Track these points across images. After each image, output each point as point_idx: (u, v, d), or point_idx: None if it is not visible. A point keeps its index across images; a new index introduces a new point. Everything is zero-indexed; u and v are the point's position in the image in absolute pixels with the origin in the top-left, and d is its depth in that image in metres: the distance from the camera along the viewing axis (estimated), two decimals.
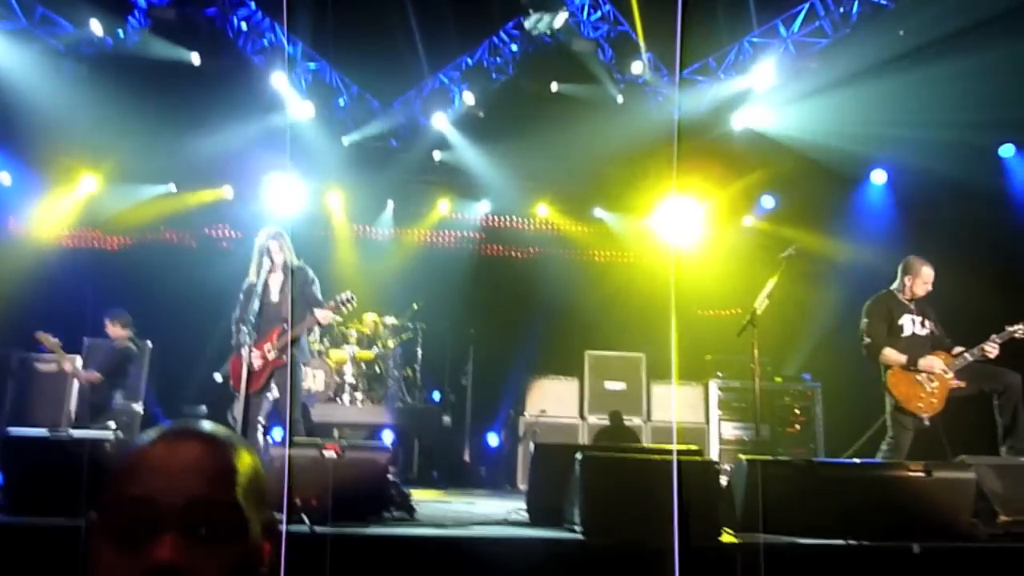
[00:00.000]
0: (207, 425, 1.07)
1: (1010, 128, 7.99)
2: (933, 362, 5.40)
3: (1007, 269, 7.06)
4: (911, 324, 5.62)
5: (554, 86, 8.62)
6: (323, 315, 5.59)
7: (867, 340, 5.56)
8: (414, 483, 7.17)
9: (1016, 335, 5.37)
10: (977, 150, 7.93)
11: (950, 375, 5.39)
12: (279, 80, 8.48)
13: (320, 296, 5.69)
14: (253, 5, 8.31)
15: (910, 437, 5.38)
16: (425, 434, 8.28)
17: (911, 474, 3.99)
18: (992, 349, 5.34)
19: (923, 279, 5.67)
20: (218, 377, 6.29)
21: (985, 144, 8.17)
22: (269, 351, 5.43)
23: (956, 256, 6.74)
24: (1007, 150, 8.22)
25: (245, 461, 1.03)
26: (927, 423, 5.36)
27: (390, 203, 10.19)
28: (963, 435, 5.41)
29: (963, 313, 5.84)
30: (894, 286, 5.77)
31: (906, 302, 5.69)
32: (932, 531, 3.69)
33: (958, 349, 5.50)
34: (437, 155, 9.55)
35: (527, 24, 7.86)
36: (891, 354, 5.45)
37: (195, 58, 8.13)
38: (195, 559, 0.94)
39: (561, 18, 7.87)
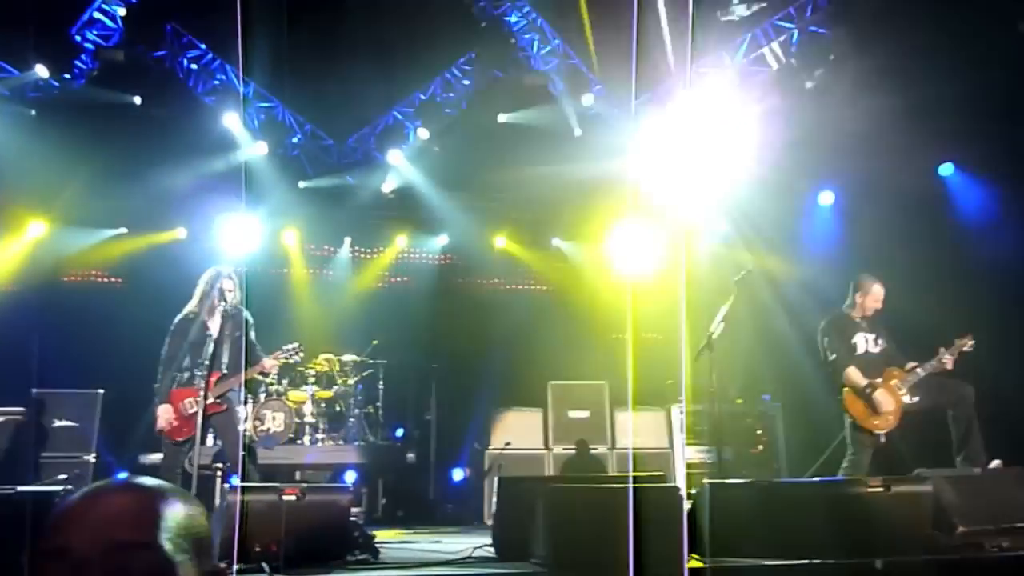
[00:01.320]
0: (139, 478, 1.07)
1: (949, 148, 8.28)
2: (885, 399, 5.48)
3: (952, 283, 7.26)
4: (864, 343, 5.74)
5: (501, 117, 8.69)
6: (270, 363, 5.51)
7: (832, 357, 5.66)
8: (379, 523, 7.06)
9: (965, 348, 5.51)
10: (918, 170, 8.19)
11: (903, 392, 5.50)
12: (231, 120, 8.44)
13: (255, 341, 5.59)
14: (203, 46, 8.29)
15: (870, 454, 5.46)
16: (389, 472, 8.17)
17: (870, 490, 4.04)
18: (947, 362, 5.48)
19: (874, 296, 5.82)
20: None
21: (926, 164, 8.45)
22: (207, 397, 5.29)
23: (903, 272, 6.92)
24: (946, 169, 8.50)
25: (175, 508, 1.03)
26: (883, 440, 5.45)
27: (347, 239, 10.14)
28: (920, 449, 5.52)
29: (913, 328, 5.98)
30: (845, 305, 5.90)
31: (858, 320, 5.81)
32: (893, 545, 3.73)
33: (910, 365, 5.62)
34: (390, 189, 9.53)
35: None
36: (854, 375, 5.55)
37: (136, 99, 8.05)
38: None
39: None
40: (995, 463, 5.17)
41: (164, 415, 5.35)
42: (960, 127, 7.63)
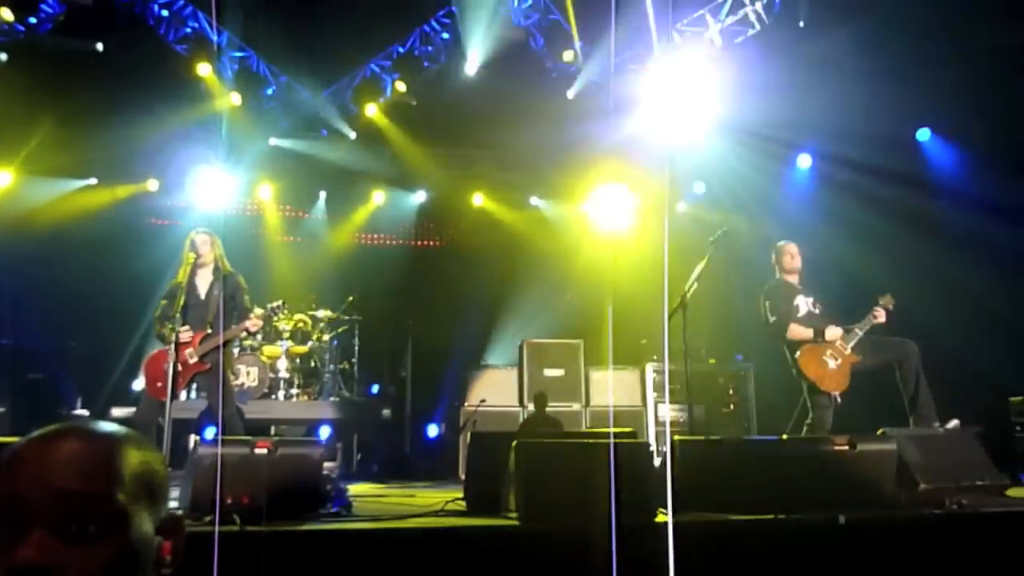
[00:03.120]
0: (95, 423, 1.02)
1: (926, 112, 8.31)
2: (835, 331, 5.65)
3: (927, 247, 7.35)
4: (805, 305, 5.87)
5: (472, 68, 8.49)
6: (251, 324, 5.50)
7: (773, 319, 5.79)
8: (353, 477, 7.09)
9: (888, 307, 5.64)
10: (895, 134, 8.22)
11: (849, 351, 5.63)
12: (204, 70, 8.23)
13: (248, 306, 5.60)
14: None
15: (830, 414, 5.60)
16: (364, 428, 8.20)
17: (836, 448, 4.12)
18: (879, 316, 5.61)
19: (789, 254, 5.96)
20: (137, 385, 6.10)
21: (903, 128, 8.48)
22: (191, 356, 5.30)
23: (877, 236, 6.99)
24: (923, 134, 8.54)
25: (129, 454, 0.99)
26: (838, 400, 5.59)
27: (323, 194, 10.02)
28: (871, 409, 5.65)
29: (885, 289, 6.04)
30: (776, 275, 6.02)
31: (795, 284, 5.93)
32: (857, 502, 3.82)
33: (848, 326, 5.76)
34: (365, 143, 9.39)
35: None
36: (797, 329, 5.70)
37: (99, 46, 7.82)
38: (66, 557, 0.90)
39: None
40: (953, 423, 5.30)
41: (149, 372, 5.34)
42: (938, 92, 7.64)
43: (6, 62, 7.73)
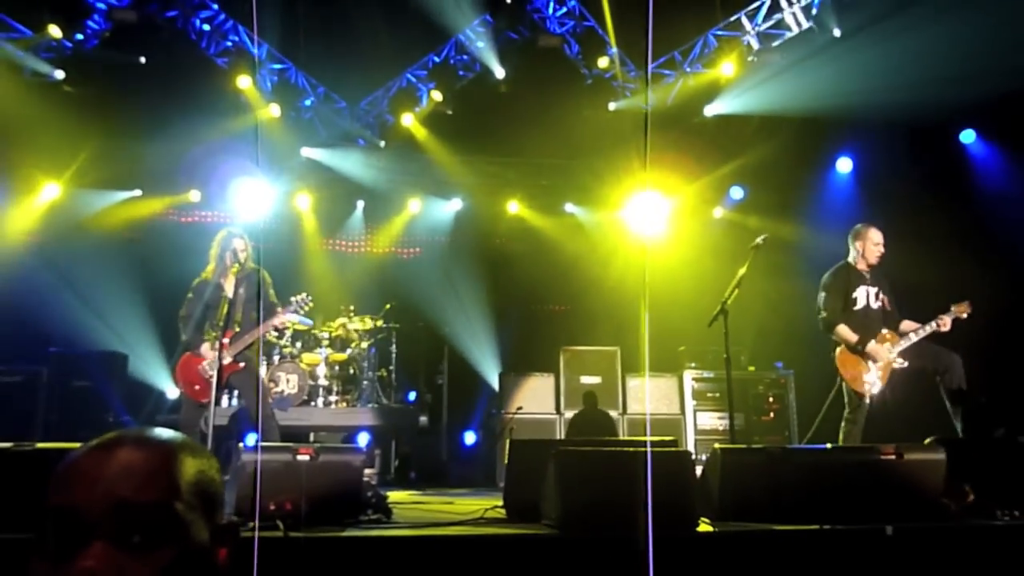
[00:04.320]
0: (151, 431, 1.03)
1: (971, 114, 8.14)
2: (879, 350, 5.52)
3: (969, 251, 7.18)
4: (865, 297, 5.72)
5: (500, 72, 8.51)
6: (278, 320, 5.54)
7: (823, 314, 5.69)
8: (392, 485, 7.14)
9: (962, 316, 5.50)
10: (939, 137, 8.06)
11: (894, 356, 5.51)
12: (244, 83, 8.39)
13: (275, 299, 5.64)
14: (216, 6, 8.21)
15: (864, 414, 5.51)
16: (402, 435, 8.24)
17: (883, 457, 4.03)
18: (943, 324, 5.48)
19: (872, 241, 5.79)
20: (174, 392, 6.17)
21: (947, 131, 8.32)
22: (223, 356, 5.35)
23: (920, 240, 6.84)
24: (968, 136, 8.36)
25: (186, 463, 1.00)
26: (870, 401, 5.50)
27: (360, 204, 10.12)
28: (906, 411, 5.54)
29: (925, 296, 5.93)
30: (849, 258, 5.87)
31: (863, 272, 5.79)
32: (904, 512, 3.74)
33: (905, 326, 5.62)
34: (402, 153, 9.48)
35: None
36: (844, 332, 5.58)
37: (142, 59, 8.03)
38: (126, 567, 0.90)
39: None
40: (999, 431, 5.17)
41: (183, 376, 5.41)
42: (982, 94, 7.48)
43: (53, 76, 7.95)
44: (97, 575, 0.89)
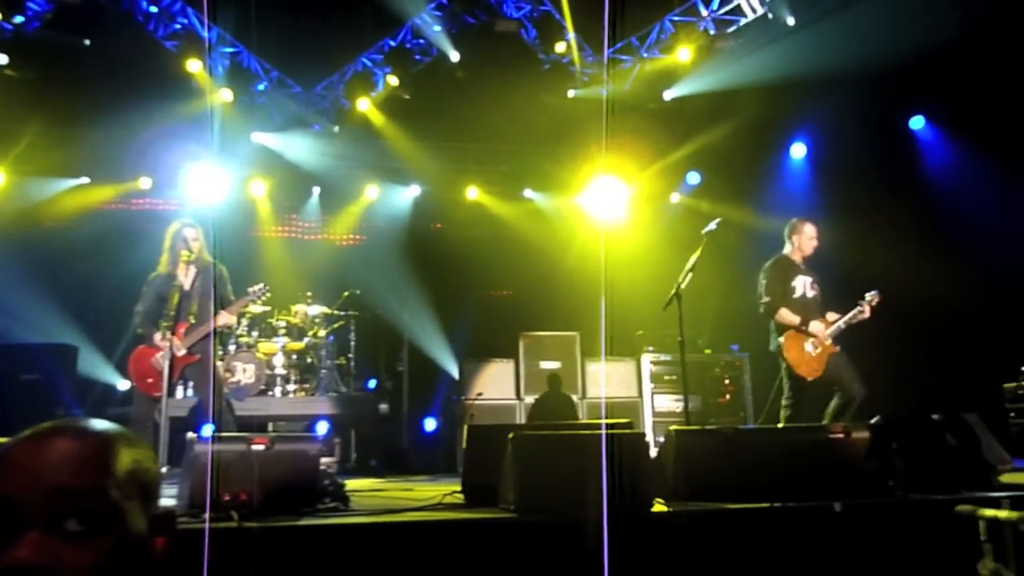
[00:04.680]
0: (86, 421, 1.01)
1: (920, 101, 8.32)
2: (818, 326, 5.73)
3: (919, 235, 7.36)
4: (802, 287, 5.94)
5: (456, 57, 8.47)
6: (235, 309, 5.48)
7: (766, 299, 5.88)
8: (352, 473, 7.11)
9: (873, 303, 5.70)
10: (889, 123, 8.23)
11: (829, 340, 5.72)
12: (194, 66, 8.20)
13: (232, 296, 5.58)
14: None
15: (805, 396, 5.71)
16: (362, 423, 8.20)
17: (831, 436, 4.13)
18: (864, 312, 5.68)
19: (808, 235, 6.02)
20: (124, 384, 6.04)
21: (898, 117, 8.49)
22: (178, 349, 5.27)
23: (873, 224, 6.99)
24: (917, 122, 8.55)
25: (122, 452, 0.98)
26: (810, 385, 5.71)
27: (316, 189, 9.99)
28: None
29: (877, 280, 6.08)
30: (785, 250, 6.05)
31: (799, 263, 5.98)
32: (852, 489, 3.83)
33: (831, 316, 5.82)
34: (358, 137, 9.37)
35: None
36: (786, 315, 5.79)
37: (86, 41, 7.79)
38: (61, 556, 0.89)
39: None
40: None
41: (136, 368, 5.31)
42: (932, 81, 7.65)
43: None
44: (32, 565, 0.88)
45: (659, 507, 3.65)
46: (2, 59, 7.68)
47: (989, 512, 3.13)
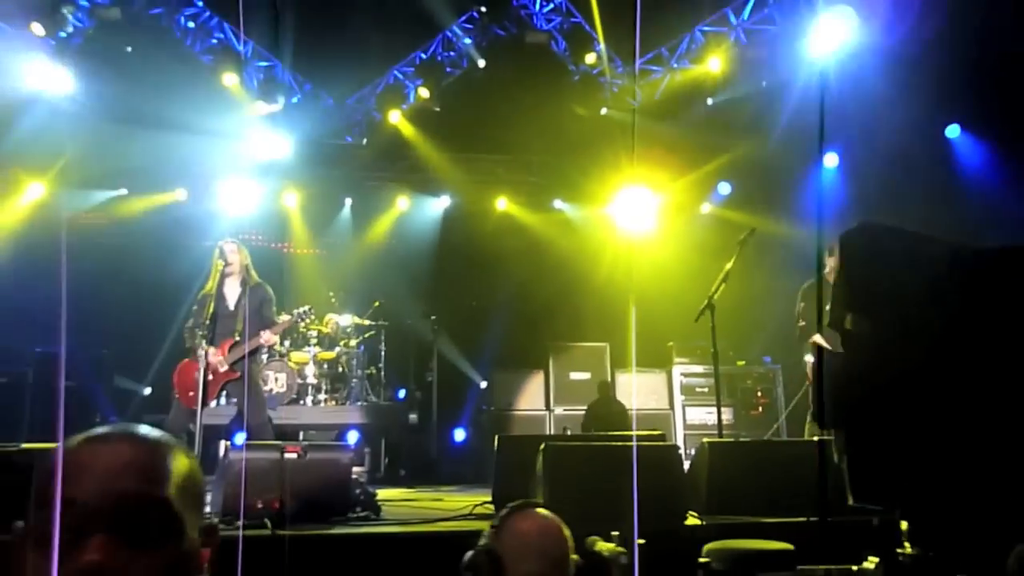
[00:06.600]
0: (139, 427, 1.02)
1: (956, 109, 8.19)
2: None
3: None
4: None
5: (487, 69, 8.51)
6: (265, 339, 5.55)
7: (802, 323, 5.73)
8: (381, 482, 7.13)
9: None
10: (925, 131, 8.11)
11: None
12: (230, 80, 8.34)
13: (275, 317, 5.67)
14: (200, 3, 8.16)
15: None
16: (391, 432, 8.23)
17: None
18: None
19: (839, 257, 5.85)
20: (146, 391, 6.10)
21: (933, 125, 8.36)
22: (221, 364, 5.36)
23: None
24: (953, 131, 8.41)
25: (179, 461, 0.99)
26: None
27: (348, 201, 10.09)
28: None
29: None
30: (825, 271, 5.90)
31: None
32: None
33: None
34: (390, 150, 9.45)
35: None
36: (819, 340, 5.63)
37: (128, 48, 7.97)
38: (126, 560, 0.90)
39: None
40: None
41: (179, 380, 5.42)
42: (968, 90, 7.53)
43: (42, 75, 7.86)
44: (103, 567, 0.88)
45: (692, 520, 3.62)
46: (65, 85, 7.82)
47: None
